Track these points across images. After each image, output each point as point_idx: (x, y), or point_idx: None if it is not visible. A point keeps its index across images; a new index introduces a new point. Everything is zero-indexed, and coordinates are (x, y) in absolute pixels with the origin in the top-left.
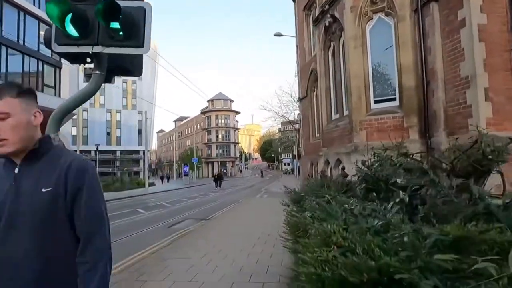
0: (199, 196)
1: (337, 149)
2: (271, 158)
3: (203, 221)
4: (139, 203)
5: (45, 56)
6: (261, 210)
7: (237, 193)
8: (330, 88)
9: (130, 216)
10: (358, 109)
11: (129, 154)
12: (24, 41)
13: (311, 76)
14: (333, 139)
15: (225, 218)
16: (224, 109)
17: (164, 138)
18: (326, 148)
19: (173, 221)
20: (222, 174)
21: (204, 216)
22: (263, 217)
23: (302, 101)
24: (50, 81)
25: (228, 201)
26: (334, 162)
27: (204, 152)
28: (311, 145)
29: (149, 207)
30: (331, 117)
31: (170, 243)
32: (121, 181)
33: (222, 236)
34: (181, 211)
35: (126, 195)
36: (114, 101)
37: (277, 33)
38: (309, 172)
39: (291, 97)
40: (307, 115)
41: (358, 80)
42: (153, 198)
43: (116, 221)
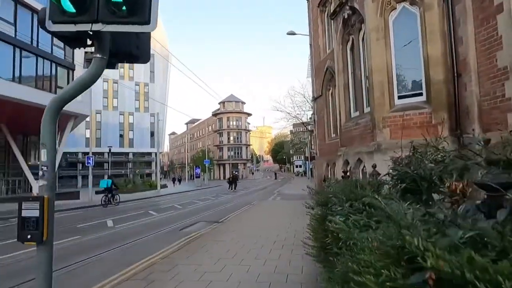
0: (211, 198)
1: (357, 149)
2: (283, 160)
3: (215, 224)
4: (151, 205)
5: (58, 58)
6: (275, 212)
7: (250, 195)
8: (349, 84)
9: (142, 218)
10: (380, 105)
11: (142, 156)
12: (37, 43)
13: (326, 74)
14: (353, 138)
15: (238, 221)
16: (236, 111)
17: (176, 140)
18: (345, 148)
19: (185, 224)
20: (236, 176)
21: (217, 218)
22: (278, 219)
23: (317, 101)
24: (63, 83)
25: (241, 203)
26: (354, 162)
27: (216, 154)
28: (326, 145)
29: (160, 209)
30: (350, 115)
31: (181, 247)
32: (133, 183)
33: (235, 240)
34: (193, 214)
35: (138, 197)
36: (127, 103)
37: (290, 32)
38: (324, 174)
39: (304, 97)
40: (322, 114)
41: (380, 74)
42: (164, 200)
43: (128, 223)
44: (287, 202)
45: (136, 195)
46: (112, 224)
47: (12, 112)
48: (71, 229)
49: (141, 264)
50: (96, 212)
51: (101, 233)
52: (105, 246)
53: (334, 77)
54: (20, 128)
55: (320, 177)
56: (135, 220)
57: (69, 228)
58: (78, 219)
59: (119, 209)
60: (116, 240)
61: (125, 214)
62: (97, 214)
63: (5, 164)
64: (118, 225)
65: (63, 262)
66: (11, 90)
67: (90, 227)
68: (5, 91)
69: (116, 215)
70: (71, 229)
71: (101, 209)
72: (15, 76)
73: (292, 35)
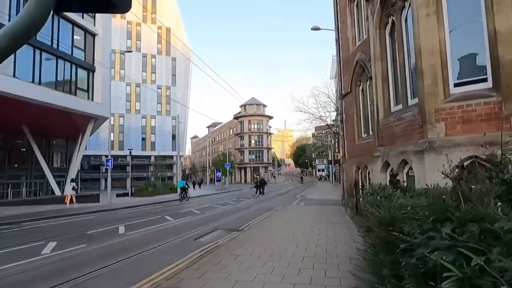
0: (231, 202)
1: (401, 148)
2: (305, 164)
3: (234, 233)
4: (169, 209)
5: (78, 59)
6: (301, 220)
7: (271, 200)
8: (388, 73)
9: (157, 224)
10: (432, 95)
11: (163, 159)
12: (58, 45)
13: (356, 68)
14: (394, 135)
15: (259, 230)
16: (257, 114)
17: (198, 144)
18: (384, 148)
19: (201, 232)
20: (264, 180)
21: (236, 226)
22: (304, 229)
23: (345, 98)
24: (83, 85)
25: (263, 209)
26: (397, 164)
27: (237, 158)
28: (356, 146)
29: (178, 214)
30: (389, 109)
31: (192, 262)
32: (153, 186)
33: (256, 255)
34: (211, 220)
35: (157, 201)
36: (149, 106)
37: (315, 27)
38: (354, 178)
39: (329, 97)
40: (351, 113)
41: (431, 57)
42: (183, 204)
43: (140, 230)
44: (312, 208)
45: (155, 199)
46: (123, 231)
47: (33, 115)
48: (80, 236)
49: (140, 286)
50: (112, 215)
51: (109, 241)
52: (108, 259)
53: (365, 71)
54: (42, 130)
55: (349, 181)
56: (149, 226)
57: (79, 234)
58: (91, 224)
59: (133, 214)
60: (122, 251)
61: (140, 219)
62: (111, 219)
63: (28, 166)
64: (129, 232)
65: (52, 280)
66: (31, 92)
67: (100, 234)
68: (26, 92)
69: (131, 220)
70: (80, 236)
71: (116, 214)
72: (35, 78)
73: (317, 30)
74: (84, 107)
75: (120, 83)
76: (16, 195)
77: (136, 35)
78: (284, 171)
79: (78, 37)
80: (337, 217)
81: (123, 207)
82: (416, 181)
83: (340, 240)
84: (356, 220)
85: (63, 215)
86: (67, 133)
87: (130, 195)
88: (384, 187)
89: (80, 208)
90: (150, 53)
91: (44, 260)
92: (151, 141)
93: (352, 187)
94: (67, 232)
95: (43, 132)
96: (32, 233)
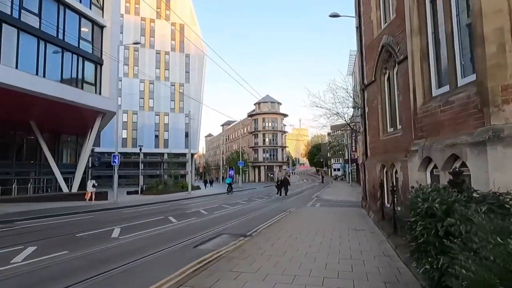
0: (242, 202)
1: (449, 139)
2: (320, 163)
3: (241, 239)
4: (175, 208)
5: (85, 52)
6: (318, 225)
7: (285, 200)
8: (429, 49)
9: (158, 225)
10: (498, 67)
11: (176, 157)
12: (64, 37)
13: (381, 54)
14: (439, 124)
15: (269, 237)
16: (271, 112)
17: (212, 142)
18: (425, 140)
19: (204, 237)
20: (288, 179)
21: (245, 230)
22: (322, 235)
23: (368, 89)
24: (91, 78)
25: (275, 210)
26: (443, 160)
27: (251, 156)
28: (380, 142)
29: (183, 215)
30: (430, 94)
31: (180, 283)
32: (164, 184)
33: (263, 272)
34: (218, 222)
35: (166, 199)
36: (162, 104)
37: (333, 14)
38: (379, 177)
39: (347, 92)
40: (374, 105)
41: (498, 18)
42: (192, 203)
43: (137, 233)
44: (329, 211)
45: (165, 197)
46: (117, 234)
47: (39, 109)
48: (67, 240)
49: None
50: (113, 215)
51: (97, 247)
52: (85, 272)
53: (392, 56)
54: (50, 126)
55: (372, 182)
56: (148, 229)
57: (66, 238)
58: (86, 225)
59: (137, 213)
60: (107, 261)
61: (141, 220)
62: (111, 219)
63: (36, 162)
64: (124, 236)
65: None
66: (34, 85)
67: (90, 238)
68: (28, 85)
69: (131, 221)
70: (67, 239)
71: (118, 213)
72: (39, 70)
73: (336, 17)
74: (91, 101)
75: (133, 80)
76: (22, 192)
77: (150, 32)
78: (299, 170)
79: (86, 29)
80: (359, 221)
81: (128, 206)
82: (473, 181)
83: (368, 253)
84: (383, 226)
85: (62, 213)
86: (76, 129)
87: (140, 193)
88: (443, 191)
89: (83, 206)
90: (163, 49)
91: (9, 271)
92: (164, 138)
93: (375, 188)
94: (55, 234)
95: (51, 128)
96: (19, 234)
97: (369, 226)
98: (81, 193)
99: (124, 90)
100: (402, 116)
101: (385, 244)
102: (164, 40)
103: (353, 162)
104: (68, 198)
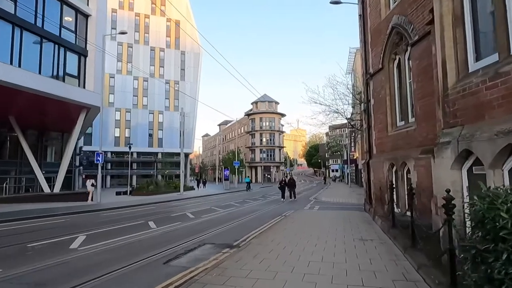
0: (235, 204)
1: (504, 124)
2: (317, 164)
3: (226, 251)
4: (161, 211)
5: (68, 42)
6: (317, 233)
7: (281, 202)
8: (464, 9)
9: (132, 232)
10: None
11: (171, 157)
12: (43, 24)
13: (390, 38)
14: (484, 105)
15: (260, 249)
16: (269, 111)
17: (209, 142)
18: (461, 128)
19: (182, 248)
20: (294, 179)
21: (232, 238)
22: (324, 251)
23: (374, 78)
24: (73, 70)
25: (270, 214)
26: (493, 153)
27: (248, 156)
28: (389, 138)
29: (166, 219)
30: (466, 67)
31: None
32: (155, 184)
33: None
34: (203, 228)
35: (155, 200)
36: (157, 102)
37: (334, 0)
38: (387, 178)
39: (347, 88)
40: (382, 96)
41: None
42: (182, 205)
43: (103, 243)
44: (329, 215)
45: (154, 198)
46: (78, 244)
47: (17, 102)
48: (15, 252)
49: None
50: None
51: (46, 261)
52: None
53: (403, 38)
54: (31, 122)
55: (379, 183)
56: (119, 236)
57: (17, 248)
58: (47, 231)
59: (117, 216)
60: (45, 284)
61: (116, 225)
62: (83, 223)
63: (17, 160)
64: (86, 246)
65: None
66: (9, 75)
67: (44, 249)
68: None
69: (104, 227)
70: (16, 251)
71: (96, 216)
72: (13, 59)
73: (337, 4)
74: (74, 95)
75: (127, 77)
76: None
77: (144, 28)
78: (297, 171)
79: (69, 18)
80: (365, 228)
81: (111, 208)
82: None
83: (384, 276)
84: (394, 236)
85: (31, 217)
86: (60, 125)
87: (130, 194)
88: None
89: (61, 207)
90: (158, 46)
91: None
92: (158, 137)
93: (382, 190)
94: (3, 244)
95: (33, 124)
96: None
97: (378, 234)
98: (64, 194)
99: (117, 87)
100: (416, 107)
101: (403, 261)
102: (159, 36)
103: (352, 163)
104: (49, 199)
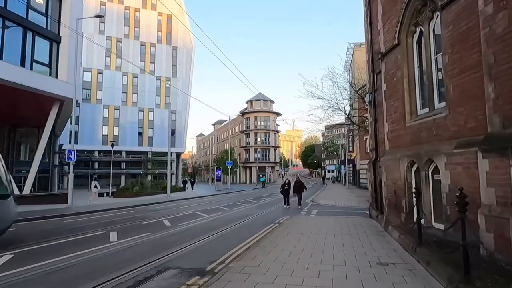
0: (223, 208)
1: None
2: (313, 165)
3: (194, 281)
4: (136, 217)
5: (37, 26)
6: (318, 251)
7: (274, 206)
8: None
9: (80, 250)
10: None
11: (162, 156)
12: (5, 4)
13: (410, 5)
14: None
15: (243, 279)
16: (264, 110)
17: (204, 142)
18: None
19: (132, 277)
20: (302, 182)
21: (207, 259)
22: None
23: (387, 58)
24: (44, 58)
25: (261, 221)
26: None
27: (242, 156)
28: (408, 130)
29: (134, 229)
30: None
31: None
32: (141, 184)
33: None
34: (174, 242)
35: (137, 203)
36: (147, 99)
37: None
38: (404, 179)
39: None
40: (397, 79)
41: None
42: (163, 208)
43: (28, 268)
44: (331, 222)
45: (137, 200)
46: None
47: None
48: None
49: None
50: (45, 226)
51: None
52: None
53: (428, 3)
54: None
55: (393, 185)
56: (60, 256)
57: None
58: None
59: (80, 224)
60: None
61: (64, 239)
62: (26, 233)
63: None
64: (5, 272)
65: None
66: None
67: None
68: None
69: (51, 240)
70: None
71: (58, 223)
72: None
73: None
74: (44, 85)
75: (115, 73)
76: None
77: (135, 22)
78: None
79: (40, 0)
80: (379, 243)
81: (81, 212)
82: None
83: None
84: (427, 260)
85: None
86: (33, 120)
87: (111, 195)
88: None
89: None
90: (149, 41)
91: None
92: (149, 136)
93: (398, 194)
94: None
95: (1, 118)
96: None
97: (399, 254)
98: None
99: (106, 83)
100: (448, 87)
101: None
102: (149, 31)
103: (350, 163)
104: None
